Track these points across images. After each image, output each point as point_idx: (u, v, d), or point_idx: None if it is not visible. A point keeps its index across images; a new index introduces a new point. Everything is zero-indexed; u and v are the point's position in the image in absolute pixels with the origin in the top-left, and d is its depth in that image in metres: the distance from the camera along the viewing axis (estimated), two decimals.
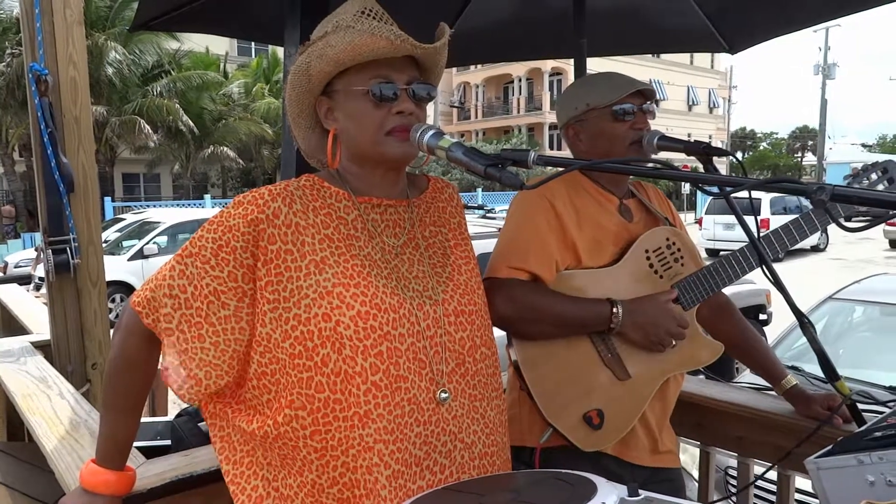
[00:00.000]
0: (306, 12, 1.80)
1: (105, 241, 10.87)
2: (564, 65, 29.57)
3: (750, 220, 1.47)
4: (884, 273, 6.13)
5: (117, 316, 1.16)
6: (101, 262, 2.54)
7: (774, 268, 1.48)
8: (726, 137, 42.14)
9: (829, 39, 36.60)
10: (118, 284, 9.77)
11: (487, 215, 10.59)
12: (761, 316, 6.89)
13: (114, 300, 9.50)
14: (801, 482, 1.87)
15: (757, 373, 1.78)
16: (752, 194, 1.16)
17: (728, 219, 16.09)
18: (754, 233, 1.47)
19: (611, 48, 2.98)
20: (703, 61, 40.76)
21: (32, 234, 15.71)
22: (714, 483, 1.99)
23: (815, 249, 18.17)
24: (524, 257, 1.44)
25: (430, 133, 1.08)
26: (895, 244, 19.02)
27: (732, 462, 2.50)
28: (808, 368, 3.54)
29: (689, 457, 2.88)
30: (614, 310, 1.43)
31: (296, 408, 1.05)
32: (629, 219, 1.57)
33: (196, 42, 21.36)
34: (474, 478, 1.12)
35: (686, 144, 1.54)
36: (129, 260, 10.58)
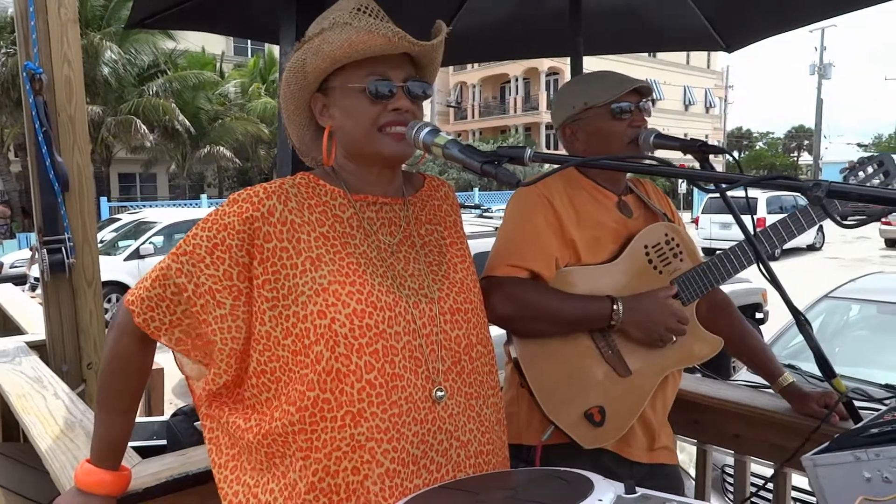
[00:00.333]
0: (302, 10, 1.80)
1: (101, 241, 10.85)
2: (561, 64, 29.60)
3: (746, 218, 1.47)
4: (879, 272, 6.15)
5: (113, 316, 1.15)
6: (97, 262, 2.54)
7: (770, 264, 1.49)
8: (723, 137, 42.19)
9: (825, 39, 36.82)
10: (114, 284, 9.74)
11: (484, 214, 10.58)
12: (758, 315, 6.89)
13: (110, 300, 9.47)
14: (798, 479, 1.87)
15: (754, 370, 1.78)
16: (748, 192, 1.16)
17: (725, 218, 16.09)
18: (750, 229, 1.47)
19: (607, 47, 2.99)
20: (699, 61, 40.81)
21: (28, 234, 15.65)
22: (711, 481, 1.99)
23: (812, 248, 18.22)
24: (523, 255, 1.44)
25: (427, 130, 1.07)
26: (891, 243, 19.08)
27: (729, 460, 2.51)
28: (805, 367, 3.55)
29: (686, 455, 2.88)
30: (615, 307, 1.43)
31: (289, 404, 1.04)
32: (628, 215, 1.57)
33: (192, 41, 21.31)
34: (471, 476, 1.12)
35: (682, 142, 1.54)
36: (126, 260, 10.55)
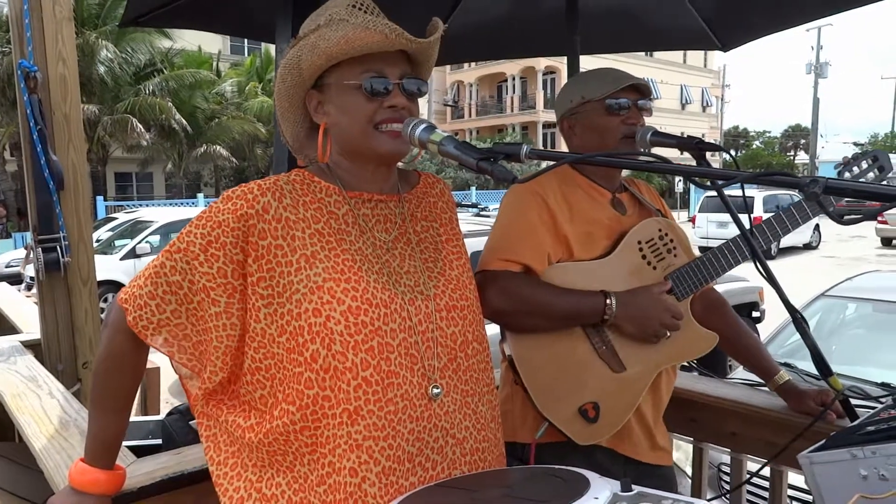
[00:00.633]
0: (298, 7, 1.79)
1: (97, 241, 10.83)
2: (558, 63, 29.57)
3: (743, 216, 1.47)
4: (875, 270, 6.17)
5: (107, 314, 1.15)
6: (92, 261, 2.53)
7: (766, 261, 1.48)
8: (719, 136, 42.26)
9: (822, 38, 36.84)
10: (110, 283, 9.72)
11: (481, 213, 10.57)
12: (754, 313, 6.90)
13: (106, 299, 9.44)
14: (794, 477, 1.87)
15: (750, 369, 1.78)
16: (745, 191, 1.16)
17: (722, 217, 16.13)
18: (746, 225, 1.47)
19: (604, 46, 2.99)
20: (695, 60, 40.82)
21: (24, 233, 15.60)
22: (707, 479, 1.99)
23: (808, 247, 18.27)
24: (516, 250, 1.44)
25: (422, 127, 1.07)
26: (887, 242, 19.14)
27: (726, 458, 2.51)
28: (802, 365, 3.56)
29: (682, 453, 2.89)
30: (608, 301, 1.43)
31: (288, 403, 1.04)
32: (622, 212, 1.57)
33: (188, 40, 21.27)
34: (466, 474, 1.11)
35: (679, 140, 1.54)
36: (122, 259, 10.54)
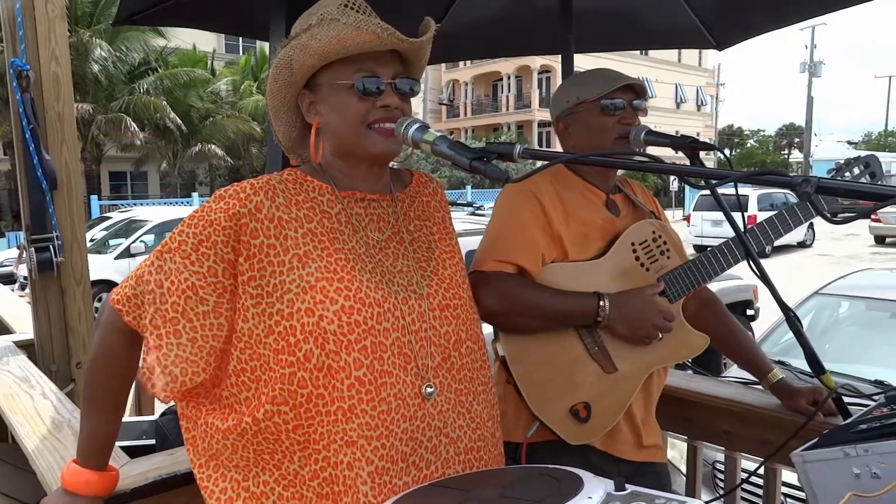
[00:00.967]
0: (292, 6, 1.78)
1: (92, 240, 10.79)
2: (553, 62, 29.59)
3: (737, 215, 1.47)
4: (869, 268, 6.20)
5: (98, 315, 1.14)
6: (86, 261, 2.52)
7: (760, 261, 1.49)
8: (714, 135, 42.37)
9: (816, 37, 36.97)
10: (105, 283, 9.69)
11: (476, 212, 10.57)
12: (748, 312, 6.92)
13: (100, 299, 9.40)
14: (788, 475, 1.88)
15: (743, 367, 1.79)
16: (738, 190, 1.16)
17: (716, 215, 16.16)
18: (740, 225, 1.47)
19: (598, 45, 2.98)
20: (690, 59, 40.91)
21: (17, 233, 15.53)
22: (702, 477, 2.00)
23: (802, 245, 18.33)
24: (510, 250, 1.44)
25: (415, 127, 1.07)
26: (880, 240, 19.22)
27: (720, 456, 2.52)
28: (795, 363, 3.57)
29: (677, 452, 2.89)
30: (601, 303, 1.43)
31: (278, 403, 1.03)
32: (616, 213, 1.57)
33: (183, 39, 21.19)
34: (460, 473, 1.12)
35: (673, 139, 1.54)
36: (116, 258, 10.50)
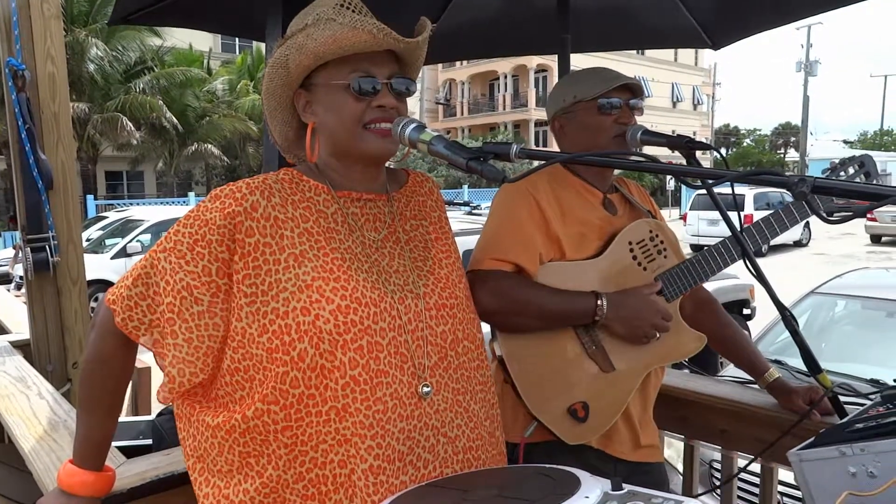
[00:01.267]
0: (288, 6, 1.78)
1: (88, 240, 10.77)
2: (550, 62, 29.58)
3: (733, 215, 1.47)
4: (865, 267, 6.21)
5: (94, 314, 1.13)
6: (81, 260, 2.51)
7: (756, 260, 1.49)
8: (710, 134, 42.41)
9: (812, 36, 37.03)
10: (101, 283, 9.66)
11: (473, 212, 10.56)
12: (745, 311, 6.94)
13: (96, 298, 9.38)
14: (785, 474, 1.88)
15: (740, 367, 1.79)
16: (735, 189, 1.16)
17: (712, 215, 16.17)
18: (736, 225, 1.47)
19: (595, 45, 2.98)
20: (686, 58, 40.95)
21: (13, 233, 15.48)
22: (699, 476, 2.00)
23: (798, 245, 18.38)
24: (508, 249, 1.44)
25: (412, 126, 1.07)
26: (876, 239, 19.28)
27: (717, 455, 2.52)
28: (792, 362, 3.57)
29: (674, 451, 2.90)
30: (599, 302, 1.43)
31: (268, 402, 1.03)
32: (613, 213, 1.57)
33: (179, 38, 21.13)
34: (458, 473, 1.11)
35: (669, 139, 1.54)
36: (113, 258, 10.47)
